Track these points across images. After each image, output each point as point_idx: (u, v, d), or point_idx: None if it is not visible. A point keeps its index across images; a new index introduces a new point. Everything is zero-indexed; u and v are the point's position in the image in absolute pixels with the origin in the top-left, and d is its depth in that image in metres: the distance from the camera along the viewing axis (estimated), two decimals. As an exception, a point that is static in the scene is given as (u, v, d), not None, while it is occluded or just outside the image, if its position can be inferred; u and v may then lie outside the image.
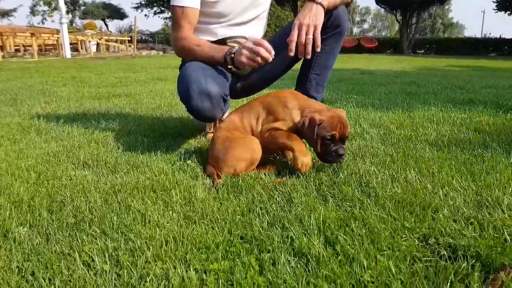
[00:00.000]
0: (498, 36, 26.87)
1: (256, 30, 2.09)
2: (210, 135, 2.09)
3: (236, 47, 1.71)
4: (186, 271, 0.85)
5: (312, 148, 1.51)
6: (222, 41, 1.97)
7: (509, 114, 2.67)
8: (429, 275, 0.81)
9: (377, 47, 22.75)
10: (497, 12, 25.51)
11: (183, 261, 0.89)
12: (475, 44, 24.72)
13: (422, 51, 25.69)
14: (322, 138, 1.40)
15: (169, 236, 0.99)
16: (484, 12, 59.43)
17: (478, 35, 36.04)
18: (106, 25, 38.18)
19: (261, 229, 1.03)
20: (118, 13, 39.12)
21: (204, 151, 1.80)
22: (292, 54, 1.68)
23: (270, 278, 0.82)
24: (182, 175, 1.46)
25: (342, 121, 1.41)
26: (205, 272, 0.85)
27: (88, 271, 0.85)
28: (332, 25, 1.87)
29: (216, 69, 1.81)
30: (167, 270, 0.85)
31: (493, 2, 25.30)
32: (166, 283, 0.81)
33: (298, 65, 2.10)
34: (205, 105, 1.67)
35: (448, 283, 0.78)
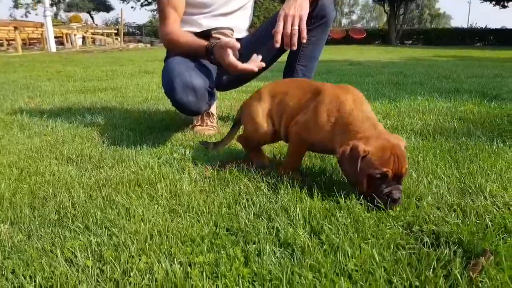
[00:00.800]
0: (483, 26, 27.15)
1: (241, 20, 2.07)
2: (197, 128, 2.07)
3: (214, 42, 1.68)
4: (171, 264, 0.84)
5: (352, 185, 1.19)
6: (207, 32, 1.94)
7: (493, 103, 2.71)
8: (412, 262, 0.82)
9: (365, 38, 22.81)
10: (482, 2, 25.73)
11: (167, 254, 0.89)
12: (461, 35, 24.94)
13: (410, 41, 25.85)
14: (369, 176, 1.07)
15: (153, 230, 0.98)
16: (470, 3, 59.94)
17: (465, 26, 36.36)
18: (92, 17, 37.51)
19: (247, 221, 1.03)
20: (103, 6, 38.44)
21: (191, 144, 1.78)
22: (277, 45, 1.67)
23: (255, 269, 0.82)
24: (168, 169, 1.45)
25: (397, 152, 1.05)
26: (190, 265, 0.85)
27: (70, 267, 0.83)
28: (317, 15, 1.86)
29: (200, 62, 1.79)
30: (151, 264, 0.85)
31: (479, -8, 25.50)
32: (150, 277, 0.81)
33: (285, 57, 2.09)
34: (190, 98, 1.65)
35: (431, 269, 0.79)
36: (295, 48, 1.69)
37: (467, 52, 12.27)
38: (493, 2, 25.34)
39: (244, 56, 1.71)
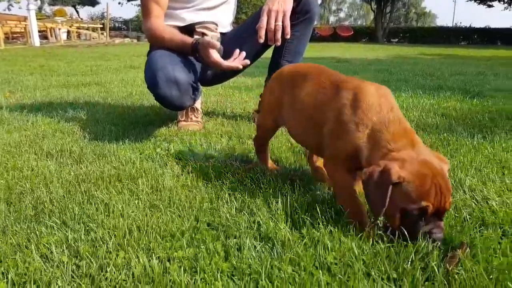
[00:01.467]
0: (468, 26, 27.60)
1: (224, 15, 2.05)
2: (182, 124, 2.05)
3: (199, 40, 1.67)
4: (149, 260, 0.83)
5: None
6: (190, 27, 1.92)
7: (475, 100, 2.76)
8: (390, 254, 0.82)
9: (352, 36, 22.93)
10: (468, 1, 26.12)
11: (146, 250, 0.87)
12: (446, 33, 25.33)
13: (396, 39, 26.10)
14: (403, 211, 0.85)
15: (133, 226, 0.97)
16: (455, 2, 60.85)
17: (450, 24, 36.93)
18: (77, 11, 36.74)
19: (228, 216, 1.02)
20: (89, 0, 37.73)
21: (174, 140, 1.76)
22: (261, 41, 1.66)
23: (235, 263, 0.82)
24: (151, 164, 1.43)
25: (439, 182, 0.83)
26: (168, 260, 0.84)
27: (45, 263, 0.81)
28: (301, 10, 1.86)
29: (184, 56, 1.77)
30: (129, 259, 0.83)
31: (464, -9, 25.86)
32: (127, 272, 0.79)
33: (270, 53, 2.09)
34: (173, 93, 1.63)
35: (409, 262, 0.80)
36: (279, 43, 1.69)
37: (452, 50, 12.45)
38: (478, 1, 25.74)
39: (228, 51, 1.70)
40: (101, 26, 19.07)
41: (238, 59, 1.65)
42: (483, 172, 1.34)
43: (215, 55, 1.60)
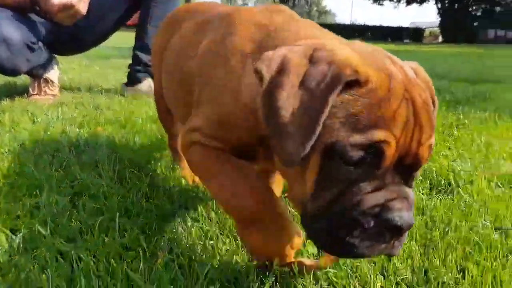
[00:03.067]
0: (363, 23, 30.31)
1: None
2: (33, 97, 1.76)
3: None
4: None
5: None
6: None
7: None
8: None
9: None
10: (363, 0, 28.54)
11: None
12: (344, 30, 27.41)
13: (300, 35, 27.48)
14: (330, 152, 0.43)
15: None
16: (352, 1, 66.38)
17: (347, 22, 40.17)
18: None
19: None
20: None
21: (14, 110, 1.49)
22: None
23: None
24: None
25: (417, 101, 0.44)
26: None
27: None
28: None
29: (21, 14, 1.51)
30: None
31: (358, -8, 28.26)
32: None
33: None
34: (1, 53, 1.37)
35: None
36: None
37: (347, 43, 13.48)
38: (371, 1, 28.20)
39: (93, 15, 1.55)
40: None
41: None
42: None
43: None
